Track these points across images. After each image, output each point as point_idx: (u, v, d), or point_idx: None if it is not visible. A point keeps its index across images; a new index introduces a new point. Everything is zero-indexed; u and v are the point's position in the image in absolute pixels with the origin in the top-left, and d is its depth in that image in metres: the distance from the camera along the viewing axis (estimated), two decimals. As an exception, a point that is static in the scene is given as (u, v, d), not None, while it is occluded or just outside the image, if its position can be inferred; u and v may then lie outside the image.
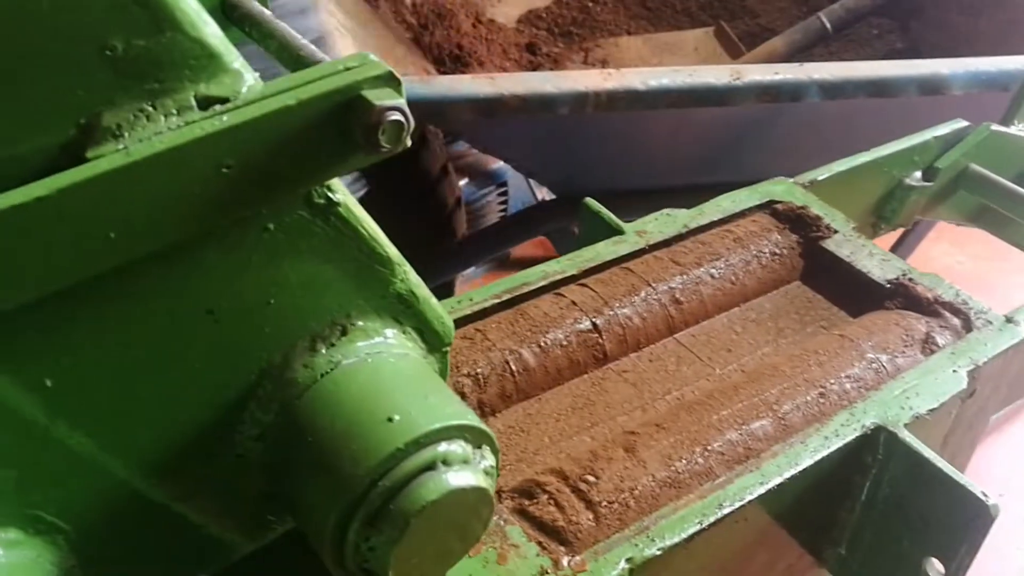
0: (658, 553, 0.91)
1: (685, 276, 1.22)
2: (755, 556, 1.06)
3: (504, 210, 2.87)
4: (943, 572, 1.06)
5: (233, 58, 0.62)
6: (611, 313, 1.16)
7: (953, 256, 3.29)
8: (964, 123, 1.56)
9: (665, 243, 1.27)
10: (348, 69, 0.63)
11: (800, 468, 1.00)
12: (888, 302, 1.23)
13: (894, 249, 2.64)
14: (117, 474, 0.69)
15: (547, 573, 0.88)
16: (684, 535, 0.93)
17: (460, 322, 1.13)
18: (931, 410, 1.08)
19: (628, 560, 0.90)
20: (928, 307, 1.21)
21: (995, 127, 1.56)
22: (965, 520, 1.01)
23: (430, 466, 0.69)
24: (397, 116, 0.61)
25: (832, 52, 2.98)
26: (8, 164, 0.58)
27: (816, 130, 2.17)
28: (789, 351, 1.16)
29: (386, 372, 0.73)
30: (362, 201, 0.83)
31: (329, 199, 0.68)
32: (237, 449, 0.73)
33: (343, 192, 0.69)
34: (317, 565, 0.74)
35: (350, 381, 0.72)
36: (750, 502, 0.97)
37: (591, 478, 0.97)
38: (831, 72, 1.97)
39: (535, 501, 0.95)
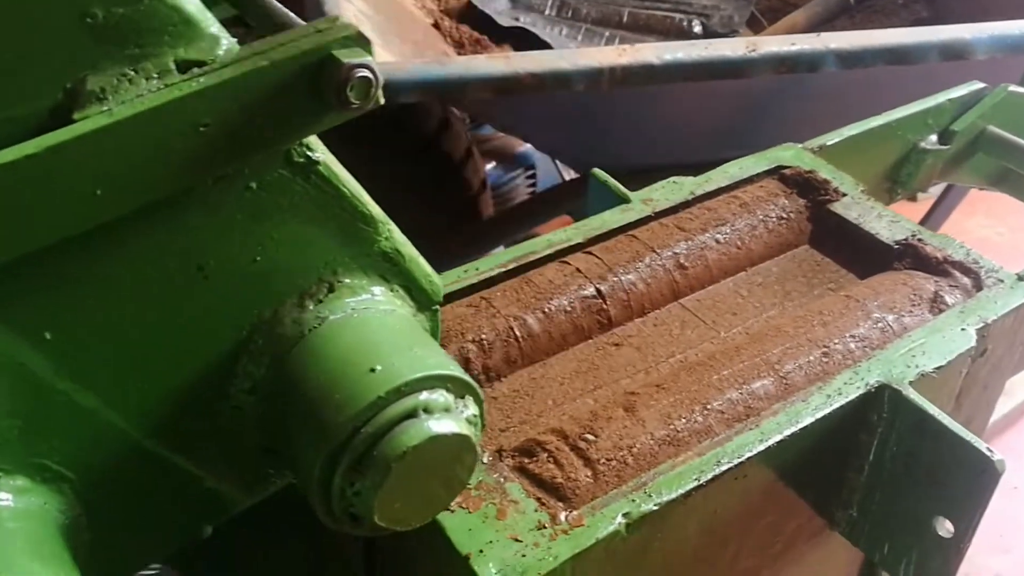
0: (655, 508, 0.93)
1: (690, 242, 1.23)
2: (760, 517, 1.08)
3: (532, 193, 2.90)
4: (952, 531, 1.06)
5: (210, 23, 0.66)
6: (615, 279, 1.18)
7: (992, 227, 3.26)
8: (980, 85, 1.55)
9: (671, 210, 1.28)
10: (319, 31, 0.66)
11: (801, 426, 1.02)
12: (897, 263, 1.24)
13: (924, 220, 2.62)
14: (117, 426, 0.73)
15: (544, 527, 0.91)
16: (681, 491, 0.95)
17: (466, 291, 1.17)
18: (938, 368, 1.09)
19: (625, 515, 0.92)
20: (937, 267, 1.21)
21: (1013, 88, 1.55)
22: (972, 477, 1.02)
23: (411, 414, 0.73)
24: (365, 73, 0.65)
25: (856, 23, 2.95)
26: (2, 127, 0.62)
27: (839, 101, 2.16)
28: (794, 313, 1.17)
29: (371, 326, 0.77)
30: (391, 185, 0.87)
31: (308, 158, 0.71)
32: (232, 402, 0.77)
33: (323, 151, 0.72)
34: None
35: (336, 335, 0.75)
36: (749, 459, 0.99)
37: (590, 437, 1.00)
38: (848, 41, 1.96)
39: (535, 459, 0.98)
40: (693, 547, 1.02)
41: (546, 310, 1.15)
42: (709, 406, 1.04)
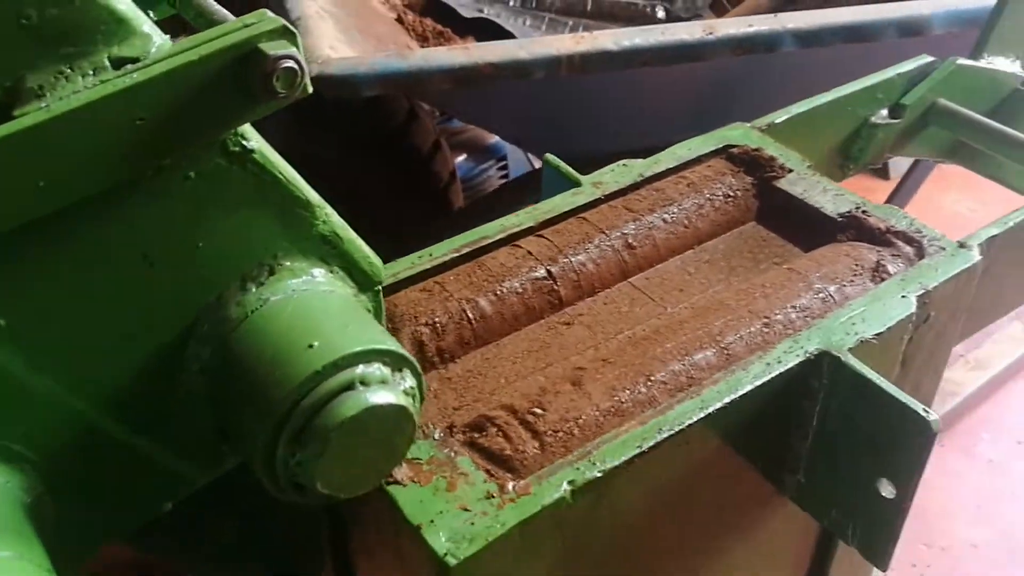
0: (599, 475, 0.98)
1: (638, 222, 1.28)
2: (708, 484, 1.13)
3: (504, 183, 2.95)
4: (895, 492, 1.11)
5: (142, 22, 0.71)
6: (565, 260, 1.23)
7: (964, 203, 3.32)
8: (929, 59, 1.60)
9: (620, 192, 1.34)
10: (246, 26, 0.71)
11: (741, 393, 1.07)
12: (841, 235, 1.29)
13: (892, 198, 2.67)
14: (74, 408, 0.78)
15: (493, 497, 0.96)
16: (625, 458, 1.00)
17: (420, 276, 1.22)
18: (878, 334, 1.14)
19: (570, 482, 0.97)
20: (880, 237, 1.27)
21: (962, 61, 1.60)
22: (910, 438, 1.07)
23: (348, 386, 0.79)
24: (290, 63, 0.70)
25: (819, 6, 2.99)
26: None
27: (803, 82, 2.21)
28: (738, 287, 1.22)
29: (310, 306, 0.82)
30: (361, 178, 0.92)
31: (244, 147, 0.76)
32: (184, 384, 0.82)
33: (257, 140, 0.77)
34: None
35: (277, 315, 0.80)
36: (690, 426, 1.04)
37: (538, 410, 1.05)
38: (805, 20, 2.02)
39: (485, 434, 1.03)
40: (641, 513, 1.07)
41: (498, 292, 1.20)
42: (652, 378, 1.09)
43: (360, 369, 0.79)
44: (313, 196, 0.83)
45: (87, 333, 0.77)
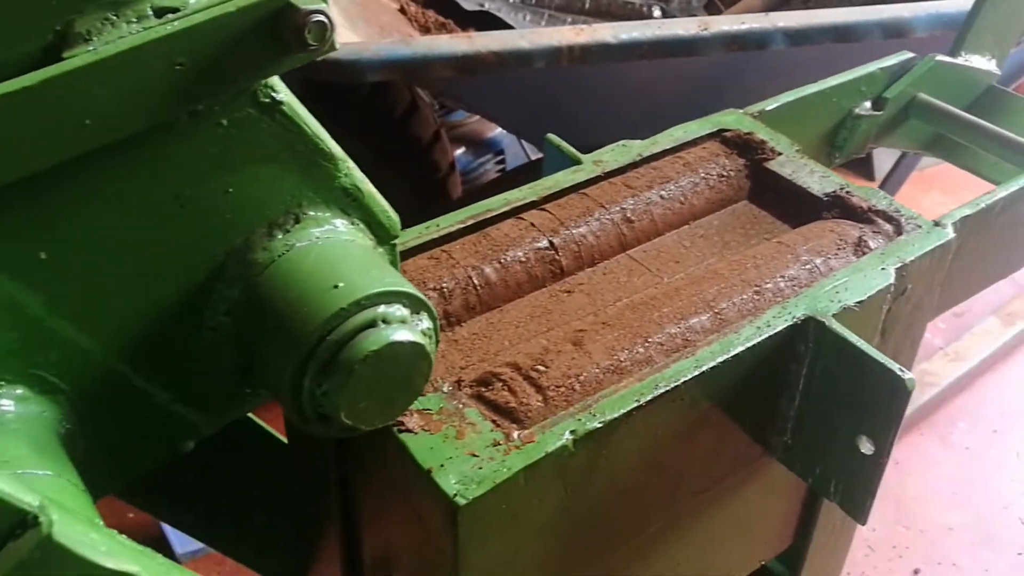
0: (599, 426, 1.02)
1: (636, 198, 1.32)
2: (700, 440, 1.17)
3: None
4: (873, 448, 1.16)
5: (182, -25, 0.74)
6: (567, 232, 1.27)
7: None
8: (910, 55, 1.65)
9: (620, 170, 1.38)
10: (281, -18, 0.75)
11: (733, 354, 1.11)
12: (826, 213, 1.33)
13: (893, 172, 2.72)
14: (96, 350, 0.82)
15: (499, 444, 1.00)
16: (623, 411, 1.04)
17: (427, 245, 1.25)
18: (859, 302, 1.18)
19: (572, 432, 1.01)
20: (862, 215, 1.31)
21: (940, 58, 1.65)
22: (887, 396, 1.12)
23: (371, 324, 0.83)
24: (321, 18, 0.73)
25: (809, 8, 3.06)
26: (2, 67, 0.70)
27: (790, 78, 2.26)
28: (731, 259, 1.26)
29: (334, 251, 0.86)
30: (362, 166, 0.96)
31: (273, 99, 0.80)
32: (209, 323, 0.85)
33: (286, 92, 0.81)
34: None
35: (303, 259, 0.84)
36: (685, 383, 1.08)
37: (541, 367, 1.09)
38: (795, 19, 2.07)
39: (491, 388, 1.07)
40: (638, 465, 1.11)
41: (502, 261, 1.24)
42: (650, 339, 1.13)
43: (382, 308, 0.83)
44: (336, 149, 0.86)
45: (122, 271, 0.80)
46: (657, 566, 1.29)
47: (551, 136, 1.44)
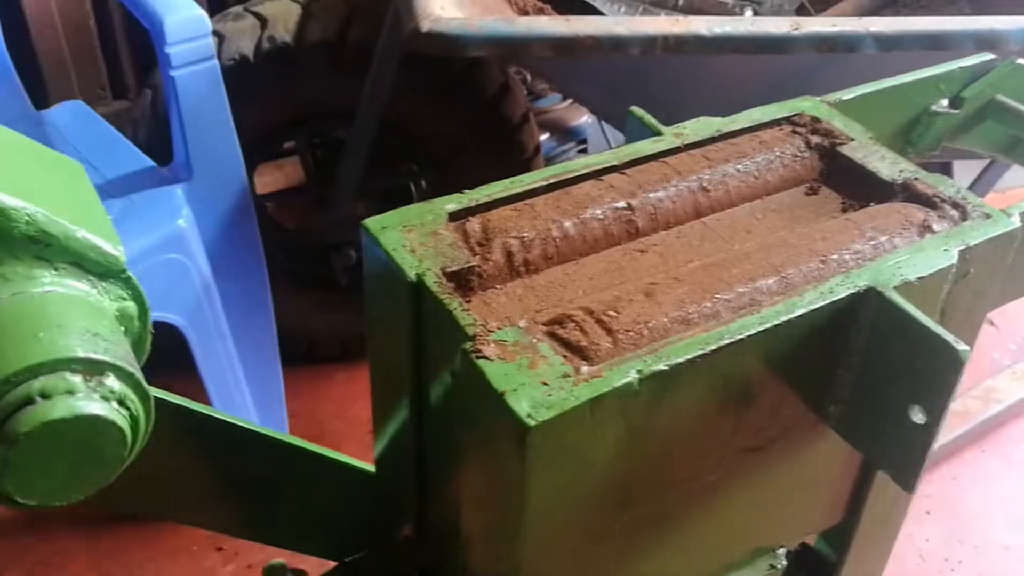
0: (664, 368, 1.08)
1: (713, 169, 1.38)
2: (757, 396, 1.23)
3: (582, 164, 3.07)
4: (925, 418, 1.21)
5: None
6: (644, 196, 1.34)
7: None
8: (991, 56, 1.69)
9: (698, 143, 1.44)
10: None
11: (796, 314, 1.16)
12: (894, 197, 1.38)
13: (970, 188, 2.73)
14: None
15: (569, 376, 1.08)
16: (687, 357, 1.10)
17: (512, 199, 1.33)
18: (920, 278, 1.22)
19: (638, 371, 1.08)
20: (929, 200, 1.35)
21: (1021, 61, 1.69)
22: (941, 367, 1.16)
23: (27, 401, 0.77)
24: None
25: (903, 15, 3.08)
26: None
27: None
28: (800, 231, 1.32)
29: (5, 317, 0.81)
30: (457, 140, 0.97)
31: None
32: None
33: None
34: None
35: None
36: (748, 337, 1.13)
37: (613, 313, 1.15)
38: (887, 25, 2.11)
39: (564, 327, 1.14)
40: (696, 412, 1.17)
41: (581, 217, 1.30)
42: (718, 296, 1.19)
43: (40, 381, 0.77)
44: (7, 201, 0.80)
45: None
46: (707, 519, 1.35)
47: (634, 108, 1.52)
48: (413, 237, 1.24)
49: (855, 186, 1.42)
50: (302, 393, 3.13)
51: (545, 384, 1.07)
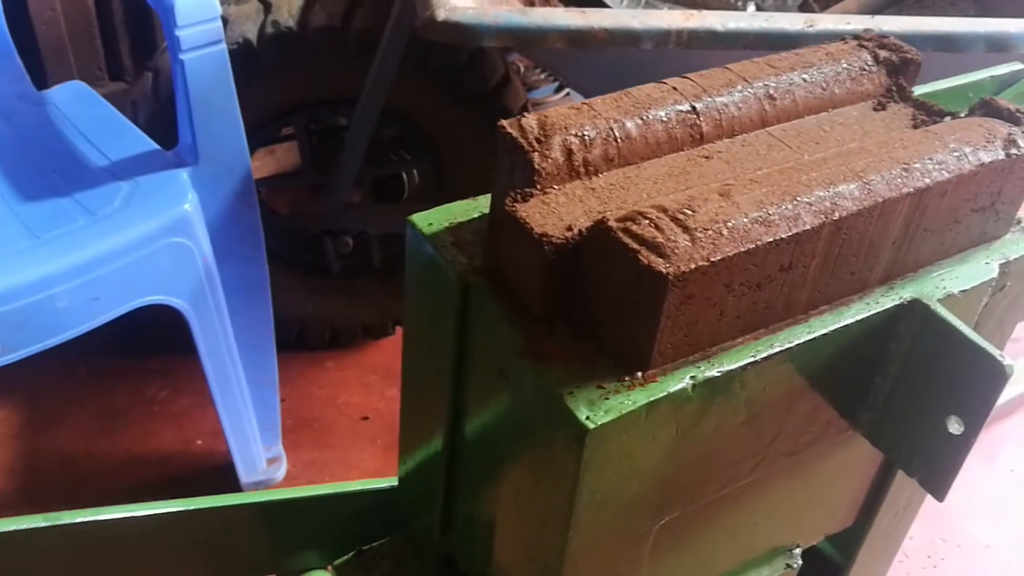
0: (717, 375, 1.04)
1: (779, 77, 1.30)
2: (797, 402, 1.21)
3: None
4: (963, 428, 1.22)
5: None
6: (709, 100, 1.25)
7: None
8: (1020, 66, 1.71)
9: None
10: None
11: (842, 324, 1.12)
12: (972, 115, 1.31)
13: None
14: None
15: (625, 380, 1.03)
16: (739, 364, 1.06)
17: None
18: (962, 291, 1.19)
19: (692, 377, 1.03)
20: (1010, 116, 1.29)
21: (1053, 71, 1.70)
22: (984, 379, 1.13)
23: None
24: None
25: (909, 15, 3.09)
26: None
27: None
28: (876, 139, 1.24)
29: None
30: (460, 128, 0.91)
31: None
32: None
33: None
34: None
35: None
36: (797, 345, 1.09)
37: (688, 211, 1.06)
38: (899, 25, 2.12)
39: (637, 223, 1.05)
40: (743, 418, 1.15)
41: (644, 118, 1.21)
42: (798, 199, 1.10)
43: None
44: None
45: None
46: (734, 519, 1.31)
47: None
48: (461, 233, 1.23)
49: (926, 104, 1.36)
50: (292, 379, 3.09)
51: (601, 387, 1.06)
